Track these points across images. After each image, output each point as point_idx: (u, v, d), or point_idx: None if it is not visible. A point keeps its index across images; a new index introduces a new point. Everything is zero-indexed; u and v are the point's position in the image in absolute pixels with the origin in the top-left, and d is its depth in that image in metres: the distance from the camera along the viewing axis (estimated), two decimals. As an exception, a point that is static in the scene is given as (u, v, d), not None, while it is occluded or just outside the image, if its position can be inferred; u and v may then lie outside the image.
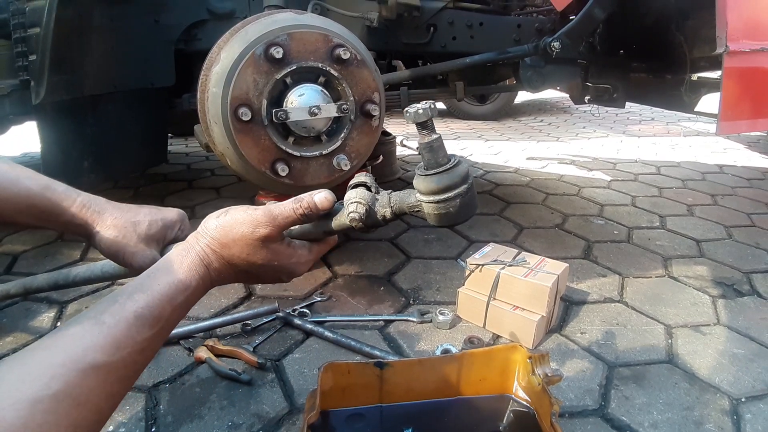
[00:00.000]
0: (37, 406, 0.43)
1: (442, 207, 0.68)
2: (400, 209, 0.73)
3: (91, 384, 0.48)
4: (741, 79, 1.42)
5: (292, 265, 0.72)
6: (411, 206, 0.72)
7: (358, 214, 0.70)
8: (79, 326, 0.52)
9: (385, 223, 0.74)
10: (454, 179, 0.67)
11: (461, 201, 0.68)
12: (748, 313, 1.52)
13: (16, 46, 1.42)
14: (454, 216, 0.69)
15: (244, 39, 1.17)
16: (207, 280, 0.66)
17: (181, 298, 0.61)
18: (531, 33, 1.82)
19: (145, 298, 0.57)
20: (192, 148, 3.78)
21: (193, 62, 1.67)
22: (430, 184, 0.68)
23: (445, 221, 0.70)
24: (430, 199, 0.68)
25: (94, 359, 0.49)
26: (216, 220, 0.68)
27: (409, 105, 0.68)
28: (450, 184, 0.67)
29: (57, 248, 1.90)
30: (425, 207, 0.70)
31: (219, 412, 1.08)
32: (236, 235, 0.66)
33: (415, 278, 1.68)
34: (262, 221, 0.67)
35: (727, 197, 2.69)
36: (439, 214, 0.69)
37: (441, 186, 0.67)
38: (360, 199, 0.71)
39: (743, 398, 1.16)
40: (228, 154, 1.25)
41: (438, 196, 0.68)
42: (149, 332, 0.56)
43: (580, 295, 1.59)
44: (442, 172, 0.67)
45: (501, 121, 5.50)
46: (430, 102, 0.64)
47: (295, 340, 1.34)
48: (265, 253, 0.68)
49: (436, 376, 1.02)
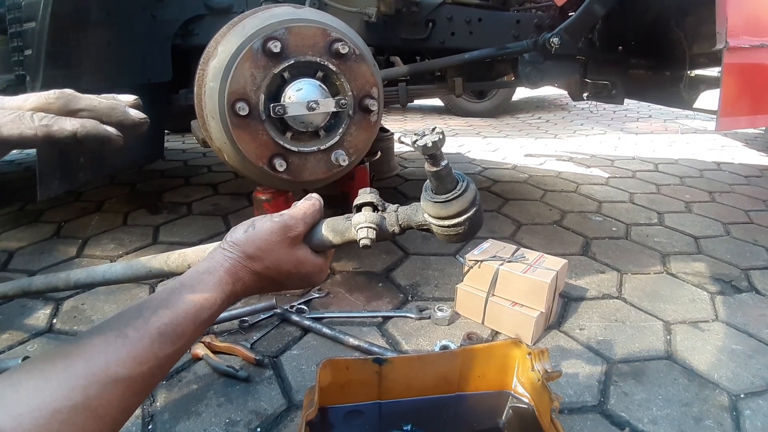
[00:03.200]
0: (56, 416, 0.43)
1: (451, 230, 0.69)
2: (408, 226, 0.74)
3: (110, 397, 0.48)
4: (741, 75, 1.42)
5: (315, 273, 0.73)
6: (419, 224, 0.72)
7: (369, 240, 0.71)
8: (102, 337, 0.51)
9: (393, 238, 0.76)
10: (464, 205, 0.67)
11: (470, 224, 0.69)
12: (746, 310, 1.52)
13: (11, 41, 1.40)
14: (463, 236, 0.70)
15: (241, 33, 1.16)
16: (233, 296, 0.65)
17: (206, 315, 0.61)
18: (530, 29, 1.81)
19: (170, 314, 0.57)
20: (189, 145, 3.77)
21: (190, 58, 1.66)
22: (440, 210, 0.68)
23: (453, 240, 0.71)
24: (439, 223, 0.69)
25: (115, 373, 0.49)
26: (245, 234, 0.67)
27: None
28: (459, 210, 0.67)
29: (53, 245, 1.89)
30: (434, 228, 0.71)
31: (216, 409, 1.07)
32: (269, 245, 0.67)
33: (414, 274, 1.67)
34: (290, 223, 0.68)
35: (725, 194, 2.69)
36: (449, 235, 0.70)
37: (450, 213, 0.67)
38: (370, 224, 0.71)
39: (742, 394, 1.16)
40: (225, 150, 1.24)
41: (447, 221, 0.68)
42: (171, 348, 0.56)
43: (579, 291, 1.59)
44: (452, 199, 0.67)
45: (499, 118, 5.49)
46: (438, 131, 0.62)
47: (292, 337, 1.33)
48: (294, 261, 0.69)
49: (435, 373, 1.01)
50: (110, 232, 2.01)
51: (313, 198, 0.73)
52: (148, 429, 1.02)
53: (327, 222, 0.74)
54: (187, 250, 0.83)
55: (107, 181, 2.69)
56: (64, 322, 1.39)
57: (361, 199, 0.75)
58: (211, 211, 2.27)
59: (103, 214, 2.23)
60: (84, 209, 2.28)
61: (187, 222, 2.14)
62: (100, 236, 1.97)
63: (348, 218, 0.74)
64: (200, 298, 0.60)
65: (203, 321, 0.60)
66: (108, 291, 1.54)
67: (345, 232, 0.73)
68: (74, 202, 2.38)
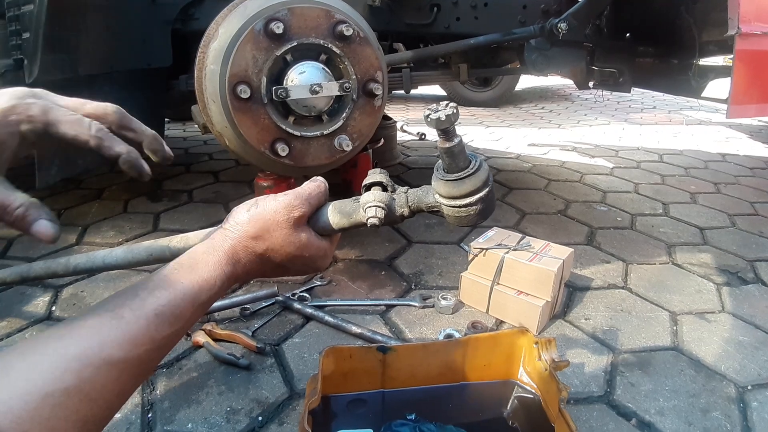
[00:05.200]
0: (47, 399, 0.41)
1: (463, 211, 0.66)
2: (418, 208, 0.71)
3: (104, 380, 0.46)
4: (753, 62, 1.39)
5: (318, 257, 0.70)
6: (429, 206, 0.70)
7: (377, 219, 0.68)
8: (96, 318, 0.50)
9: (402, 221, 0.73)
10: (476, 184, 0.65)
11: (482, 205, 0.66)
12: (752, 301, 1.50)
13: (9, 24, 1.38)
14: (474, 218, 0.68)
15: (243, 14, 1.14)
16: (232, 278, 0.63)
17: (204, 297, 0.58)
18: (537, 14, 1.78)
19: (167, 295, 0.55)
20: (189, 133, 3.74)
21: (190, 43, 1.63)
22: (451, 189, 0.65)
23: (465, 223, 0.69)
24: (450, 203, 0.66)
25: (109, 355, 0.47)
26: (248, 213, 0.65)
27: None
28: (472, 189, 0.65)
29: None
30: (445, 209, 0.68)
31: (217, 398, 1.06)
32: (272, 225, 0.64)
33: (417, 263, 1.65)
34: (294, 203, 0.66)
35: (730, 186, 2.67)
36: (460, 217, 0.67)
37: (462, 192, 0.65)
38: (378, 203, 0.68)
39: (749, 386, 1.15)
40: (226, 134, 1.21)
41: (459, 201, 0.65)
42: (168, 330, 0.53)
43: (584, 281, 1.57)
44: (464, 177, 0.64)
45: (502, 108, 5.45)
46: (452, 106, 0.59)
47: (294, 325, 1.32)
48: (298, 243, 0.66)
49: (439, 361, 1.00)
50: (110, 220, 1.99)
51: (318, 180, 0.71)
52: (148, 417, 1.01)
53: (333, 204, 0.72)
54: (190, 234, 0.81)
55: (107, 169, 2.67)
56: (63, 310, 1.37)
57: (370, 179, 0.72)
58: (212, 198, 2.25)
59: (103, 202, 2.21)
60: (84, 197, 2.26)
61: (187, 209, 2.12)
62: (100, 224, 1.95)
63: (356, 200, 0.71)
64: (199, 278, 0.58)
65: (202, 303, 0.58)
66: (107, 278, 1.52)
67: (352, 214, 0.70)
68: (74, 190, 2.36)
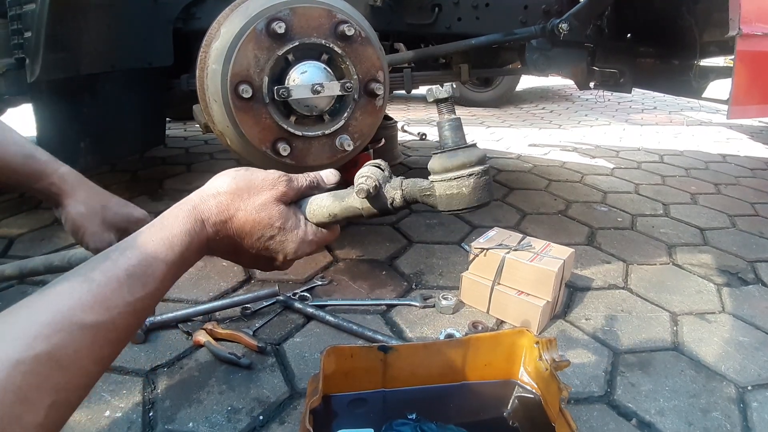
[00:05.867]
0: (18, 367, 0.40)
1: (454, 185, 0.66)
2: (410, 194, 0.70)
3: (77, 345, 0.45)
4: (754, 63, 1.39)
5: (296, 239, 0.68)
6: (422, 189, 0.69)
7: (366, 185, 0.67)
8: (67, 283, 0.49)
9: (393, 209, 0.71)
10: (470, 158, 0.66)
11: (475, 181, 0.66)
12: (753, 302, 1.50)
13: (11, 23, 1.38)
14: (466, 198, 0.66)
15: (245, 14, 1.14)
16: (203, 237, 0.61)
17: (176, 254, 0.57)
18: (538, 15, 1.78)
19: (138, 255, 0.53)
20: (190, 132, 3.74)
21: (191, 42, 1.63)
22: (445, 161, 0.66)
23: (456, 203, 0.67)
24: (443, 177, 0.66)
25: (81, 319, 0.46)
26: (235, 172, 0.65)
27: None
28: (465, 161, 0.66)
29: (53, 231, 1.88)
30: (437, 188, 0.67)
31: (218, 397, 1.06)
32: (256, 185, 0.64)
33: (418, 263, 1.66)
34: (282, 179, 0.67)
35: (731, 186, 2.67)
36: (451, 194, 0.66)
37: (456, 163, 0.66)
38: (370, 174, 0.69)
39: (749, 386, 1.15)
40: (227, 134, 1.21)
41: (452, 173, 0.66)
42: (142, 292, 0.52)
43: (585, 281, 1.57)
44: (458, 149, 0.66)
45: (502, 108, 5.45)
46: (451, 84, 0.64)
47: (295, 324, 1.32)
48: (275, 212, 0.65)
49: (440, 361, 1.00)
50: (111, 219, 1.99)
51: (312, 173, 0.73)
52: (149, 416, 1.01)
53: (328, 193, 0.73)
54: None
55: (108, 168, 2.67)
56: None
57: (368, 163, 0.74)
58: (212, 198, 2.24)
59: (104, 201, 2.21)
60: (85, 195, 2.26)
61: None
62: (100, 222, 1.94)
63: (351, 188, 0.71)
64: (169, 234, 0.57)
65: (173, 262, 0.57)
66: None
67: (345, 197, 0.70)
68: (75, 189, 2.36)
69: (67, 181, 0.79)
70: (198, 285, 1.48)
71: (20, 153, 0.74)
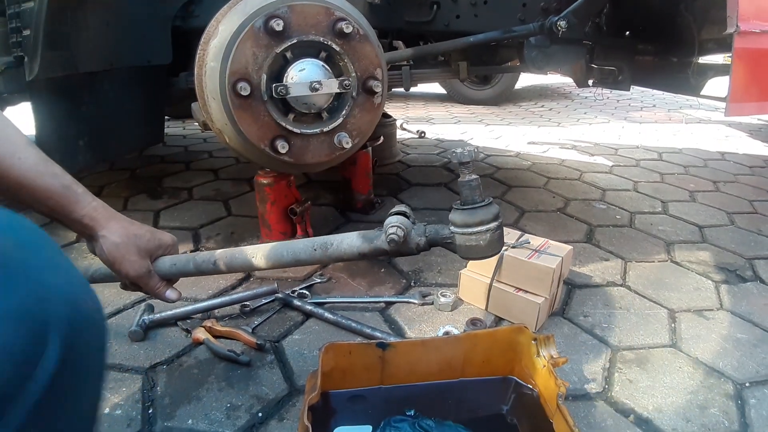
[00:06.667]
0: None
1: (473, 239, 0.78)
2: (433, 240, 0.83)
3: None
4: (751, 61, 1.39)
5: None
6: (444, 237, 0.82)
7: (397, 237, 0.79)
8: None
9: (417, 251, 0.84)
10: (488, 215, 0.78)
11: (491, 236, 0.78)
12: (751, 299, 1.51)
13: (10, 22, 1.38)
14: (483, 249, 0.79)
15: (243, 11, 1.14)
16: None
17: None
18: (536, 12, 1.77)
19: None
20: (189, 131, 3.74)
21: (190, 40, 1.62)
22: (466, 218, 0.78)
23: (473, 253, 0.80)
24: (463, 231, 0.79)
25: None
26: None
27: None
28: (483, 219, 0.78)
29: (52, 230, 1.87)
30: (458, 238, 0.80)
31: (217, 394, 1.07)
32: None
33: (416, 260, 1.66)
34: None
35: (729, 184, 2.67)
36: (470, 246, 0.79)
37: (475, 220, 0.78)
38: (400, 224, 0.81)
39: (747, 383, 1.15)
40: (226, 131, 1.22)
41: (471, 228, 0.78)
42: None
43: (583, 278, 1.58)
44: (478, 208, 0.78)
45: (501, 106, 5.45)
46: (473, 146, 0.73)
47: (294, 322, 1.32)
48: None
49: (439, 358, 1.00)
50: (110, 217, 1.99)
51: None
52: (149, 413, 1.01)
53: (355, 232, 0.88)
54: None
55: (107, 167, 2.67)
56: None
57: (395, 209, 0.85)
58: (212, 196, 2.25)
59: (103, 199, 2.18)
60: (83, 193, 2.26)
61: (187, 207, 2.12)
62: (99, 220, 1.94)
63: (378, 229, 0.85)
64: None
65: None
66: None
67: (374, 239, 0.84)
68: (74, 187, 2.36)
69: (99, 214, 0.84)
70: (197, 283, 1.48)
71: (59, 184, 0.77)
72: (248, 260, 0.93)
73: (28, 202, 0.75)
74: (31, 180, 0.73)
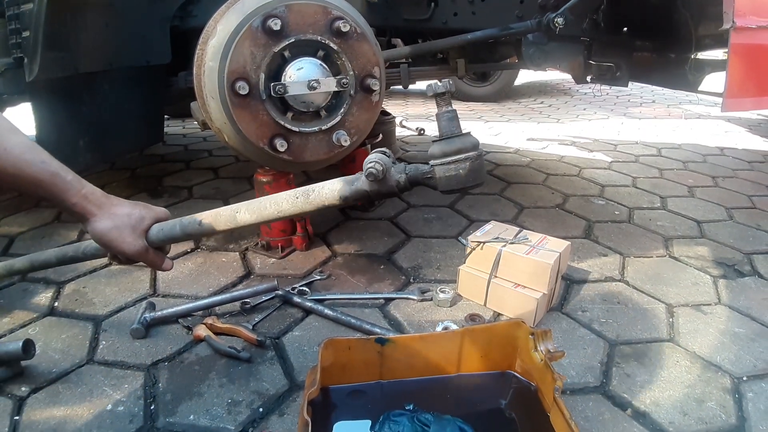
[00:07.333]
0: None
1: (452, 168, 0.78)
2: (413, 177, 0.82)
3: None
4: (748, 56, 1.40)
5: None
6: (424, 173, 0.82)
7: (375, 170, 0.79)
8: None
9: (398, 191, 0.83)
10: (466, 144, 0.79)
11: (470, 165, 0.78)
12: (749, 293, 1.51)
13: (9, 23, 1.38)
14: (463, 179, 0.79)
15: (241, 11, 1.15)
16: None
17: None
18: (534, 9, 1.78)
19: None
20: (189, 130, 3.74)
21: (188, 40, 1.63)
22: (444, 147, 0.79)
23: (454, 183, 0.79)
24: (442, 161, 0.79)
25: None
26: None
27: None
28: (461, 147, 0.78)
29: (54, 229, 1.89)
30: (437, 170, 0.80)
31: (218, 390, 1.08)
32: None
33: (416, 257, 1.67)
34: None
35: (728, 179, 2.68)
36: (450, 176, 0.79)
37: (453, 148, 0.78)
38: (378, 160, 0.81)
39: (745, 377, 1.16)
40: (225, 130, 1.22)
41: (450, 158, 0.78)
42: None
43: (581, 274, 1.58)
44: (455, 137, 0.79)
45: (501, 103, 5.44)
46: (449, 79, 0.77)
47: (294, 318, 1.33)
48: None
49: (437, 353, 1.01)
50: (111, 216, 2.00)
51: None
52: (151, 409, 1.02)
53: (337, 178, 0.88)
54: None
55: (107, 166, 2.68)
56: (66, 305, 1.39)
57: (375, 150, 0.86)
58: (212, 194, 2.26)
59: (104, 198, 2.22)
60: (84, 193, 2.26)
61: (188, 205, 2.13)
62: (100, 220, 1.95)
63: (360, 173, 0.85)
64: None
65: None
66: (109, 273, 1.54)
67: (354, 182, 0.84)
68: (74, 186, 2.36)
69: (90, 201, 0.85)
70: (198, 280, 1.49)
71: (47, 172, 0.79)
72: (233, 216, 0.93)
73: (19, 191, 0.78)
74: (18, 170, 0.75)
